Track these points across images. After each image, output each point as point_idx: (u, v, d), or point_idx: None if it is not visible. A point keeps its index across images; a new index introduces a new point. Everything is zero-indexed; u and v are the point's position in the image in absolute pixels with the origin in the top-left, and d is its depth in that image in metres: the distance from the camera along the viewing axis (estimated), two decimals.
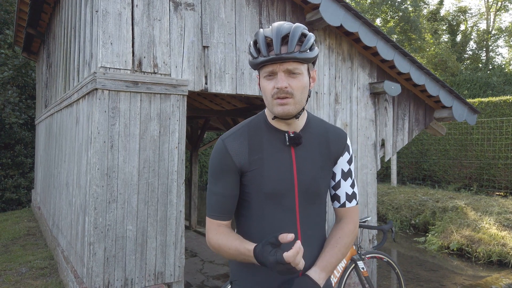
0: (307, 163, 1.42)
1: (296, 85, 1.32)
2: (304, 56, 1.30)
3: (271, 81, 1.33)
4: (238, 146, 1.39)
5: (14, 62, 10.28)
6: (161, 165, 3.36)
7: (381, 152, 4.71)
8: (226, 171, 1.39)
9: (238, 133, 1.42)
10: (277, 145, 1.41)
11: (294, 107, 1.33)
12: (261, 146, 1.40)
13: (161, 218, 3.36)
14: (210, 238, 1.41)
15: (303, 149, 1.43)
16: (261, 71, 1.36)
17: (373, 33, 4.20)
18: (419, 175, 12.68)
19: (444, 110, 5.07)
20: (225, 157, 1.38)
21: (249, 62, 1.37)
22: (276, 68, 1.31)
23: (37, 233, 6.71)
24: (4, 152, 11.33)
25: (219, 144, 1.41)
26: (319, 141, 1.46)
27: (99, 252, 3.08)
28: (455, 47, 23.54)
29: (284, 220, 1.38)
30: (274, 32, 1.31)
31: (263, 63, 1.31)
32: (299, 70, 1.32)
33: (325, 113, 4.29)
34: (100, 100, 3.10)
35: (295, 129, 1.43)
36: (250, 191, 1.40)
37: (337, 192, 1.51)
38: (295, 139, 1.40)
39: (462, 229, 7.30)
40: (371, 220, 4.54)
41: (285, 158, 1.40)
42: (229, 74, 3.70)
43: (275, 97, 1.32)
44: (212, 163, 1.42)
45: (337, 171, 1.51)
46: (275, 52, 1.28)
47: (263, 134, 1.42)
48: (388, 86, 4.43)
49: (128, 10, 3.23)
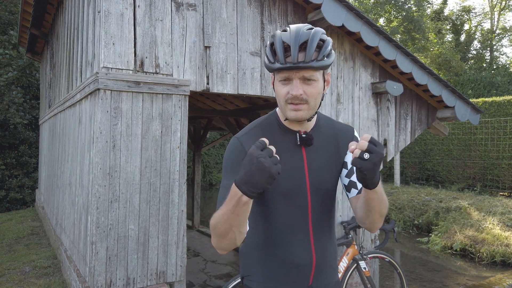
0: (317, 162, 1.44)
1: (311, 92, 1.33)
2: (321, 64, 1.30)
3: (286, 86, 1.33)
4: (253, 144, 1.39)
5: (18, 62, 10.34)
6: (163, 165, 3.37)
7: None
8: None
9: (252, 132, 1.45)
10: (289, 145, 1.44)
11: (307, 112, 1.35)
12: (274, 146, 1.40)
13: (163, 218, 3.37)
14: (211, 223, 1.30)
15: (313, 149, 1.45)
16: (276, 74, 1.36)
17: (375, 33, 4.19)
18: (423, 175, 12.64)
19: (447, 110, 5.05)
20: (241, 154, 1.37)
21: (265, 65, 1.37)
22: (292, 75, 1.31)
23: (40, 232, 6.75)
24: (8, 152, 11.40)
25: (234, 142, 1.42)
26: (329, 140, 1.49)
27: (101, 251, 3.09)
28: (459, 47, 23.45)
29: (297, 217, 1.42)
30: (292, 38, 1.29)
31: (280, 69, 1.31)
32: (315, 77, 1.32)
33: (327, 113, 4.29)
34: (102, 100, 3.12)
35: (306, 128, 1.46)
36: None
37: (352, 178, 1.45)
38: (306, 140, 1.42)
39: (465, 229, 7.27)
40: None
41: (297, 158, 1.43)
42: (231, 74, 3.70)
43: (289, 102, 1.33)
44: (227, 158, 1.41)
45: (348, 160, 1.48)
46: (292, 61, 1.27)
47: (275, 134, 1.44)
48: (390, 86, 4.42)
49: (130, 11, 3.25)
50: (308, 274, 1.42)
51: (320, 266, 1.44)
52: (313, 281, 1.44)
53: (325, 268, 1.47)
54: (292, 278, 1.41)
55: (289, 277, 1.41)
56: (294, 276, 1.41)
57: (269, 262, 1.42)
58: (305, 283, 1.43)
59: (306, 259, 1.41)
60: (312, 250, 1.42)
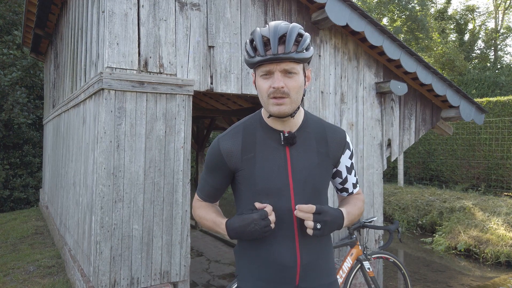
0: (303, 162, 1.44)
1: (292, 85, 1.35)
2: (301, 56, 1.33)
3: (268, 80, 1.35)
4: (231, 145, 1.45)
5: (22, 62, 10.38)
6: (167, 165, 3.37)
7: (387, 152, 4.69)
8: (216, 168, 1.49)
9: (233, 132, 1.48)
10: (271, 144, 1.44)
11: (290, 106, 1.36)
12: (254, 145, 1.45)
13: (166, 218, 3.37)
14: (194, 209, 1.60)
15: (299, 148, 1.45)
16: (257, 70, 1.38)
17: (379, 32, 4.18)
18: (426, 175, 12.59)
19: (451, 109, 5.03)
20: (217, 156, 1.47)
21: (245, 61, 1.39)
22: (273, 68, 1.33)
23: (45, 232, 6.77)
24: (12, 151, 11.45)
25: (215, 143, 1.49)
26: (316, 140, 1.49)
27: (105, 251, 3.10)
28: (463, 46, 23.34)
29: (280, 217, 1.41)
30: (271, 31, 1.33)
31: (260, 63, 1.33)
32: (296, 70, 1.35)
33: (330, 113, 4.28)
34: (106, 100, 3.12)
35: (291, 128, 1.46)
36: (244, 188, 1.46)
37: (345, 186, 1.63)
38: (289, 138, 1.43)
39: (469, 230, 7.24)
40: (377, 220, 4.52)
41: (279, 157, 1.43)
42: (235, 74, 3.70)
43: (271, 96, 1.35)
44: (207, 158, 1.53)
45: (342, 169, 1.58)
46: (273, 52, 1.31)
47: (257, 133, 1.46)
48: (395, 85, 4.41)
49: (134, 11, 3.25)
50: (294, 274, 1.41)
51: (307, 267, 1.42)
52: (300, 281, 1.42)
53: (314, 269, 1.44)
54: (278, 278, 1.41)
55: (275, 277, 1.41)
56: (280, 276, 1.41)
57: (256, 261, 1.44)
58: (292, 284, 1.41)
59: (290, 259, 1.40)
60: (296, 250, 1.41)
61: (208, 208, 1.56)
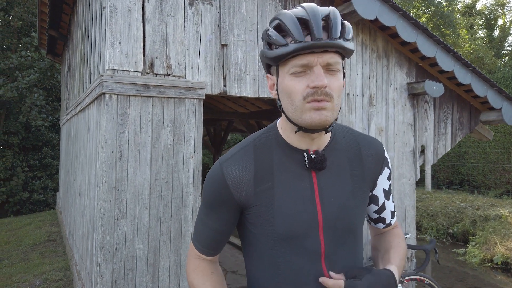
0: (334, 191, 1.06)
1: (336, 86, 0.97)
2: (349, 46, 0.96)
3: (303, 78, 0.96)
4: (240, 173, 1.04)
5: (40, 64, 10.32)
6: (175, 177, 3.04)
7: (420, 160, 4.24)
8: (220, 205, 1.07)
9: (240, 154, 1.07)
10: (293, 169, 1.05)
11: (331, 114, 0.97)
12: (271, 172, 1.05)
13: (175, 236, 3.03)
14: (187, 268, 1.17)
15: (328, 172, 1.06)
16: (285, 65, 0.98)
17: (413, 27, 3.74)
18: (456, 179, 11.93)
19: (492, 112, 4.53)
20: (221, 187, 1.06)
21: (266, 55, 1.00)
22: (313, 61, 0.94)
23: (57, 238, 6.58)
24: (32, 154, 11.44)
25: (216, 169, 1.07)
26: (349, 159, 1.10)
27: (106, 274, 2.78)
28: (493, 43, 22.34)
29: (305, 268, 1.03)
30: (310, 11, 0.95)
31: (297, 52, 0.93)
32: (339, 65, 0.98)
33: (357, 117, 3.86)
34: (107, 106, 2.81)
35: (319, 146, 1.06)
36: (258, 231, 1.06)
37: (382, 215, 1.23)
38: (317, 162, 1.04)
39: (506, 241, 6.67)
40: (410, 237, 4.08)
41: (304, 187, 1.04)
42: (251, 75, 3.34)
43: (310, 99, 0.95)
44: (206, 190, 1.10)
45: (378, 193, 1.19)
46: (317, 36, 0.92)
47: (274, 155, 1.06)
48: (430, 86, 3.95)
49: (139, 6, 2.93)
50: None
51: None
52: None
53: None
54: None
55: None
56: None
57: (274, 280, 1.06)
58: None
59: None
60: None
61: (206, 277, 1.13)
